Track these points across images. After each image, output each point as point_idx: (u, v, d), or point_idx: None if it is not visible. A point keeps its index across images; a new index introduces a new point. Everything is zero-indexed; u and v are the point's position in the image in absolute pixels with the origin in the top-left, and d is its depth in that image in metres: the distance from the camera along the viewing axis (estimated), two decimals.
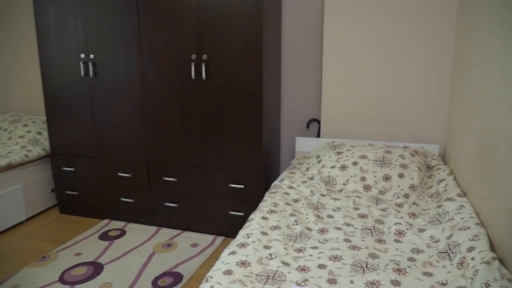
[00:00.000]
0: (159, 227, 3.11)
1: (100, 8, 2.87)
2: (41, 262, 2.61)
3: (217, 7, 2.61)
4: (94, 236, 2.98)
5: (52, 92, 3.14)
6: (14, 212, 3.13)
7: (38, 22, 3.05)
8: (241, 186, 2.81)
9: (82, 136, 3.15)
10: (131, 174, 3.08)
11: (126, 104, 2.98)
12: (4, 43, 3.93)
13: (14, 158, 3.11)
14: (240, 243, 1.66)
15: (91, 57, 2.97)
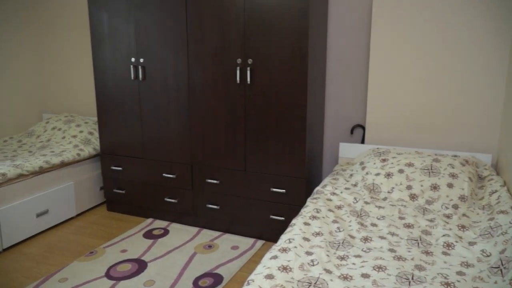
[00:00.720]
0: (201, 228, 3.16)
1: (151, 14, 2.97)
2: (89, 256, 2.72)
3: (264, 12, 2.63)
4: (139, 234, 3.07)
5: (104, 94, 3.28)
6: (66, 208, 3.28)
7: (92, 28, 3.20)
8: (282, 190, 2.80)
9: (130, 137, 3.27)
10: (175, 175, 3.16)
11: (173, 107, 3.06)
12: (60, 48, 4.15)
13: (67, 157, 3.27)
14: (282, 248, 1.66)
15: (141, 61, 3.08)
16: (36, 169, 3.01)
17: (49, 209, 3.12)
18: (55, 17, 4.12)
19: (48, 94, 4.35)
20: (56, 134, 3.72)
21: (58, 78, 4.25)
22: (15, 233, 2.87)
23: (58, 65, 4.22)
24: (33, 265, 2.64)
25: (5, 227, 2.79)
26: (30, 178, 2.99)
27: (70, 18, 4.04)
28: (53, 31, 4.16)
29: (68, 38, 4.10)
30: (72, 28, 4.05)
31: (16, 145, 3.62)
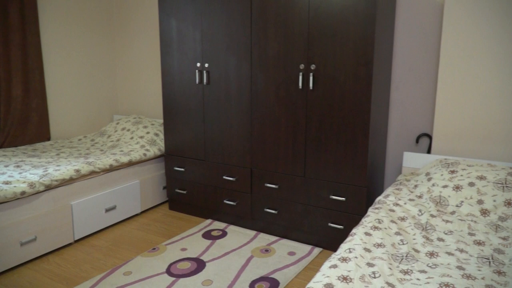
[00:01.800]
0: (258, 232, 3.19)
1: (217, 20, 3.06)
2: (152, 253, 2.84)
3: (329, 17, 2.61)
4: (198, 234, 3.16)
5: (170, 97, 3.42)
6: (132, 205, 3.46)
7: (162, 34, 3.36)
8: (342, 198, 2.75)
9: (193, 139, 3.38)
10: (235, 178, 3.21)
11: (235, 111, 3.11)
12: (131, 53, 4.39)
13: (135, 156, 3.45)
14: (342, 257, 1.63)
15: (205, 66, 3.17)
16: (106, 166, 3.20)
17: (117, 205, 3.30)
18: (127, 24, 4.36)
19: (119, 97, 4.62)
20: (125, 134, 3.93)
21: (129, 82, 4.49)
22: (86, 226, 3.06)
23: (129, 70, 4.46)
24: (100, 257, 2.80)
25: (77, 220, 2.99)
26: (101, 175, 3.18)
27: (141, 26, 4.26)
28: (125, 37, 4.41)
29: (138, 44, 4.33)
30: (142, 35, 4.27)
31: (89, 144, 3.87)
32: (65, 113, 4.13)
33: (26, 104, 3.68)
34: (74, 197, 2.98)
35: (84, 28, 4.21)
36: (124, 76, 4.52)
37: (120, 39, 4.46)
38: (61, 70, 4.05)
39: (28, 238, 2.67)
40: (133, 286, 2.42)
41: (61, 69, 4.05)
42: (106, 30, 4.44)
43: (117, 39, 4.48)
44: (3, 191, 2.49)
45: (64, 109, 4.11)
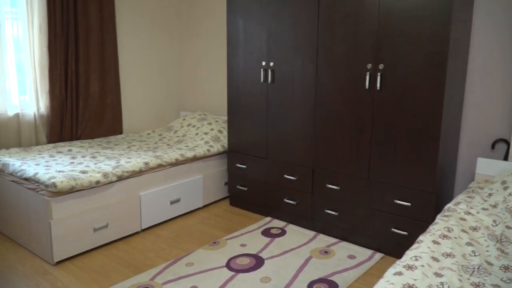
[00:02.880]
0: (317, 233, 3.15)
1: (284, 19, 3.07)
2: (212, 246, 2.91)
3: (400, 15, 2.51)
4: (258, 231, 3.19)
5: (234, 95, 3.49)
6: (195, 199, 3.57)
7: (229, 33, 3.43)
8: (407, 203, 2.65)
9: (256, 137, 3.42)
10: (296, 177, 3.20)
11: (298, 110, 3.11)
12: (198, 52, 4.53)
13: (199, 152, 3.56)
14: (407, 265, 1.56)
15: (271, 65, 3.20)
16: (172, 160, 3.33)
17: (181, 198, 3.43)
18: (196, 24, 4.51)
19: (185, 94, 4.79)
20: (191, 130, 4.07)
21: (195, 80, 4.64)
22: (152, 216, 3.21)
23: (196, 68, 4.61)
24: (164, 247, 2.92)
25: (144, 210, 3.14)
26: (167, 168, 3.32)
27: (208, 25, 4.39)
28: (193, 37, 4.56)
29: (205, 44, 4.45)
30: (209, 34, 4.39)
31: (157, 138, 4.06)
32: (136, 109, 4.36)
33: (102, 100, 3.93)
34: (143, 188, 3.14)
35: (155, 29, 4.41)
36: (191, 74, 4.68)
37: (188, 38, 4.62)
38: (134, 68, 4.27)
39: (101, 224, 2.85)
40: (194, 277, 2.50)
41: (134, 67, 4.27)
42: (175, 30, 4.62)
43: (186, 38, 4.65)
44: (80, 180, 2.69)
45: (135, 105, 4.34)
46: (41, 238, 2.68)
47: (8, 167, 2.90)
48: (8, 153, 3.15)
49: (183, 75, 4.76)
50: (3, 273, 2.54)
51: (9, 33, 3.33)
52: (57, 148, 3.40)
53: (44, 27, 3.42)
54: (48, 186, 2.57)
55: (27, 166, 2.84)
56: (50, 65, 3.50)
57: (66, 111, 3.66)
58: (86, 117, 3.83)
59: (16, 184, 2.83)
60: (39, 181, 2.63)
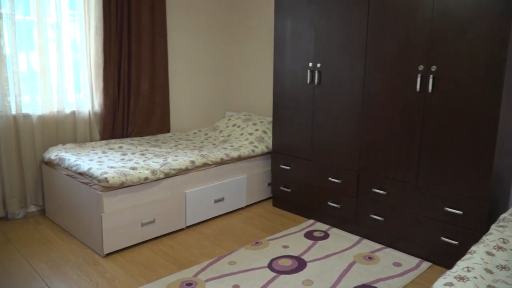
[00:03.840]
0: (361, 238, 3.09)
1: (332, 20, 3.03)
2: (255, 246, 2.93)
3: (456, 15, 2.41)
4: (300, 233, 3.17)
5: (280, 96, 3.49)
6: (238, 198, 3.61)
7: (276, 34, 3.43)
8: (459, 211, 2.53)
9: (300, 139, 3.40)
10: (340, 180, 3.16)
11: (345, 112, 3.06)
12: (245, 53, 4.57)
13: (243, 152, 3.59)
14: (459, 276, 1.50)
15: (318, 66, 3.17)
16: (218, 160, 3.38)
17: (225, 197, 3.47)
18: (243, 25, 4.55)
19: (231, 95, 4.85)
20: (236, 130, 4.11)
21: (241, 80, 4.69)
22: (197, 214, 3.28)
23: (242, 69, 4.65)
24: (208, 245, 2.97)
25: (189, 207, 3.21)
26: (212, 167, 3.38)
27: (256, 26, 4.41)
28: (240, 38, 4.61)
29: (252, 44, 4.49)
30: (256, 35, 4.42)
31: (203, 137, 4.13)
32: (183, 108, 4.47)
33: (151, 99, 4.06)
34: (188, 186, 3.21)
35: (204, 30, 4.50)
36: (237, 74, 4.73)
37: (236, 39, 4.67)
38: (182, 68, 4.38)
39: (148, 219, 2.94)
40: (237, 276, 2.52)
41: (182, 67, 4.38)
42: (223, 31, 4.69)
43: (233, 39, 4.70)
44: (130, 176, 2.79)
45: (182, 105, 4.45)
46: (92, 230, 2.81)
47: (64, 161, 3.07)
48: (64, 149, 3.33)
49: (230, 76, 4.82)
50: (56, 263, 2.68)
51: (67, 35, 3.52)
52: (109, 144, 3.55)
53: (100, 28, 3.58)
54: (100, 181, 2.68)
55: (81, 161, 2.98)
56: (104, 65, 3.66)
57: (118, 109, 3.82)
58: (136, 116, 3.97)
59: (71, 178, 2.98)
60: (92, 176, 2.75)
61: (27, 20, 3.33)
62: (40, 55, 3.34)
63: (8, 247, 2.87)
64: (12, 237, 3.04)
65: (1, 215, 3.30)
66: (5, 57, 3.14)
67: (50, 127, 3.48)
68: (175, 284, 2.42)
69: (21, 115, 3.28)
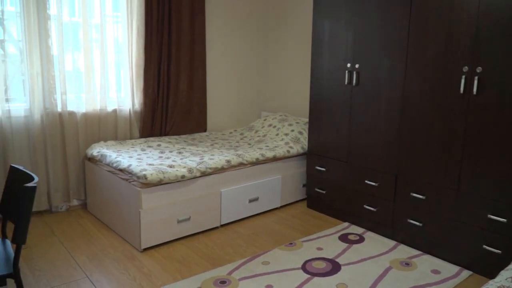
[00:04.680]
0: (398, 243, 3.02)
1: (371, 20, 2.98)
2: (288, 247, 2.92)
3: (505, 13, 2.31)
4: (335, 235, 3.13)
5: (317, 97, 3.46)
6: (272, 199, 3.61)
7: (314, 35, 3.41)
8: (503, 219, 2.43)
9: (337, 140, 3.36)
10: (377, 183, 3.10)
11: (383, 114, 3.00)
12: (282, 54, 4.57)
13: (279, 152, 3.59)
14: (502, 286, 1.44)
15: (356, 67, 3.12)
16: (253, 160, 3.40)
17: (259, 197, 3.49)
18: (280, 26, 4.55)
19: (267, 95, 4.86)
20: (271, 131, 4.12)
21: (277, 81, 4.69)
22: (231, 213, 3.31)
23: (278, 69, 4.65)
24: (242, 244, 3.00)
25: (224, 206, 3.25)
26: (248, 167, 3.40)
27: (293, 27, 4.40)
28: (277, 38, 4.61)
29: (289, 45, 4.48)
30: (293, 36, 4.41)
31: (239, 137, 4.17)
32: (220, 107, 4.52)
33: (189, 98, 4.13)
34: (224, 185, 3.25)
35: (241, 31, 4.54)
36: (273, 75, 4.73)
37: (273, 40, 4.67)
38: (220, 68, 4.43)
39: (184, 217, 3.00)
40: (270, 276, 2.52)
41: (220, 67, 4.43)
42: (260, 32, 4.71)
43: (270, 40, 4.71)
44: (167, 173, 2.85)
45: (219, 104, 4.51)
46: (131, 225, 2.89)
47: (105, 158, 3.18)
48: (106, 145, 3.44)
49: (266, 76, 4.84)
50: (97, 255, 2.78)
51: (110, 35, 3.64)
52: (148, 142, 3.64)
53: (141, 29, 3.68)
54: (139, 178, 2.76)
55: (121, 158, 3.08)
56: (145, 65, 3.76)
57: (157, 108, 3.91)
58: (174, 115, 4.05)
59: (111, 174, 3.08)
60: (132, 172, 2.84)
61: (73, 21, 3.47)
62: (85, 55, 3.48)
63: (52, 239, 3.01)
64: (55, 229, 3.18)
65: (45, 208, 3.46)
66: (52, 56, 3.29)
67: (93, 125, 3.61)
68: (209, 281, 2.45)
69: (66, 113, 3.43)
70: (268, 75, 4.82)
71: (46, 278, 2.48)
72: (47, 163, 3.42)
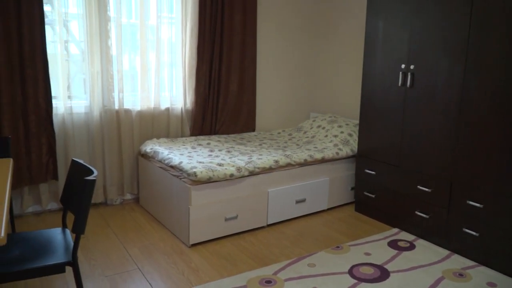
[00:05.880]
0: (452, 252, 2.89)
1: (428, 19, 2.87)
2: (335, 250, 2.88)
3: None
4: (383, 241, 3.05)
5: (368, 99, 3.39)
6: (319, 201, 3.57)
7: (367, 35, 3.34)
8: None
9: (388, 143, 3.27)
10: (431, 189, 2.98)
11: (438, 117, 2.88)
12: (332, 54, 4.51)
13: (327, 154, 3.54)
14: None
15: (411, 68, 3.02)
16: (301, 161, 3.38)
17: (306, 198, 3.47)
18: (331, 26, 4.49)
19: (316, 96, 4.81)
20: (320, 132, 4.08)
21: (327, 81, 4.63)
22: (278, 213, 3.32)
23: (328, 70, 4.59)
24: (288, 245, 2.99)
25: (271, 206, 3.26)
26: (296, 168, 3.39)
27: (345, 27, 4.33)
28: (328, 39, 4.55)
29: (340, 46, 4.41)
30: (345, 36, 4.33)
31: (287, 138, 4.16)
32: (269, 108, 4.54)
33: (239, 98, 4.18)
34: (271, 185, 3.26)
35: (292, 31, 4.53)
36: (323, 76, 4.68)
37: (324, 40, 4.62)
38: (269, 69, 4.45)
39: (231, 215, 3.04)
40: (316, 279, 2.50)
41: (269, 68, 4.45)
42: (311, 32, 4.68)
43: (321, 40, 4.66)
44: (217, 172, 2.90)
45: (268, 105, 4.52)
46: (180, 221, 2.98)
47: (157, 154, 3.29)
48: (158, 142, 3.56)
49: (316, 77, 4.79)
50: (148, 248, 2.89)
51: (165, 36, 3.76)
52: (198, 140, 3.73)
53: (195, 30, 3.77)
54: (189, 175, 2.83)
55: (173, 155, 3.18)
56: (197, 65, 3.85)
57: (207, 107, 4.00)
58: (224, 114, 4.11)
59: (163, 170, 3.18)
60: (183, 169, 2.92)
61: (130, 23, 3.62)
62: (141, 55, 3.62)
63: (107, 231, 3.16)
64: (110, 221, 3.33)
65: (101, 201, 3.63)
66: (112, 56, 3.45)
67: (147, 122, 3.75)
68: (255, 280, 2.47)
69: (123, 110, 3.58)
70: (317, 75, 4.77)
71: (100, 267, 2.61)
72: (104, 158, 3.59)
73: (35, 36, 3.10)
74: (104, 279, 2.48)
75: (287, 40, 4.51)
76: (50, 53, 3.25)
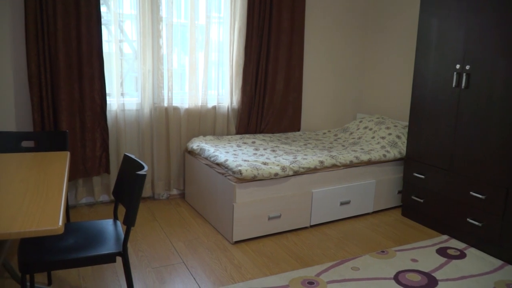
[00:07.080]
0: (505, 263, 2.74)
1: (486, 17, 2.73)
2: (380, 255, 2.81)
3: None
4: (432, 248, 2.94)
5: (419, 100, 3.27)
6: (365, 203, 3.50)
7: (420, 34, 3.22)
8: None
9: (439, 146, 3.15)
10: (484, 196, 2.84)
11: (496, 120, 2.73)
12: (380, 53, 4.39)
13: (374, 156, 3.46)
14: None
15: (466, 68, 2.89)
16: (347, 162, 3.33)
17: (351, 200, 3.41)
18: (381, 26, 4.38)
19: (364, 96, 4.71)
20: (367, 133, 3.99)
21: (375, 82, 4.52)
22: (322, 214, 3.28)
23: (377, 70, 4.48)
24: (331, 246, 2.95)
25: (315, 207, 3.23)
26: (341, 169, 3.34)
27: (395, 26, 4.21)
28: (377, 38, 4.44)
29: (390, 45, 4.29)
30: (394, 36, 4.21)
31: (332, 138, 4.11)
32: (315, 108, 4.50)
33: (285, 97, 4.18)
34: (315, 185, 3.23)
35: (340, 31, 4.46)
36: (371, 76, 4.57)
37: (372, 40, 4.52)
38: (316, 69, 4.41)
39: (275, 214, 3.05)
40: (360, 283, 2.46)
41: (317, 68, 4.41)
42: (359, 32, 4.58)
43: (369, 40, 4.56)
44: (261, 170, 2.92)
45: (314, 104, 4.48)
46: (224, 218, 3.02)
47: (204, 152, 3.35)
48: (205, 140, 3.63)
49: (364, 76, 4.69)
50: (192, 243, 2.95)
51: (213, 36, 3.82)
52: (243, 139, 3.76)
53: (243, 30, 3.81)
54: (235, 173, 2.87)
55: (219, 153, 3.23)
56: (244, 64, 3.88)
57: (253, 106, 4.02)
58: (269, 113, 4.13)
59: (208, 167, 3.24)
60: (228, 167, 2.96)
61: (180, 22, 3.71)
62: (190, 54, 3.70)
63: (154, 224, 3.26)
64: (157, 215, 3.44)
65: (149, 195, 3.76)
66: (162, 55, 3.55)
67: (194, 120, 3.83)
68: (297, 280, 2.46)
69: (172, 108, 3.68)
70: (365, 75, 4.67)
71: (147, 259, 2.70)
72: (152, 153, 3.71)
73: (92, 35, 3.25)
74: (151, 270, 2.56)
75: (335, 40, 4.45)
76: (105, 52, 3.40)
